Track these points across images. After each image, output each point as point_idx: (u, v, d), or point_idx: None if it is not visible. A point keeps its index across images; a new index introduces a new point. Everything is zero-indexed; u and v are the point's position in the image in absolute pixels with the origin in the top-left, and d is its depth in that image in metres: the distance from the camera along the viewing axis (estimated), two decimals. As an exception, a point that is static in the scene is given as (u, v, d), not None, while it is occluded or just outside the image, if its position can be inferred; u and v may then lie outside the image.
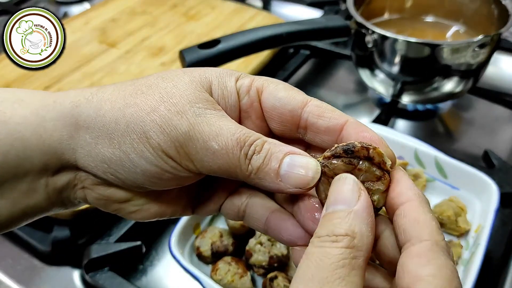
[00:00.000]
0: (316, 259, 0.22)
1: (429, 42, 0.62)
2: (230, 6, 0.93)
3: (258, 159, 0.25)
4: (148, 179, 0.27)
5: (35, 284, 0.51)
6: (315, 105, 0.27)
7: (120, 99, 0.26)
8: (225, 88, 0.28)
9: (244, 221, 0.30)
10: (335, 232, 0.22)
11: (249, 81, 0.28)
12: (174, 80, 0.27)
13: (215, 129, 0.25)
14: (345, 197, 0.24)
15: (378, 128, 0.61)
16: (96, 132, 0.26)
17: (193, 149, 0.25)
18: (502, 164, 0.60)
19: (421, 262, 0.22)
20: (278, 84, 0.28)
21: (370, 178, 0.25)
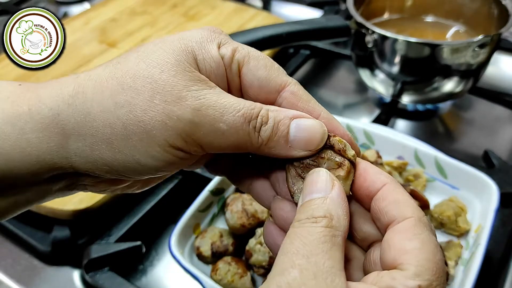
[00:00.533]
0: (299, 237, 0.23)
1: (429, 42, 0.62)
2: (230, 6, 0.93)
3: (267, 129, 0.25)
4: (156, 172, 0.26)
5: (35, 284, 0.51)
6: (291, 92, 0.27)
7: (107, 99, 0.24)
8: (210, 58, 0.26)
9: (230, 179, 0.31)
10: (314, 214, 0.23)
11: (231, 52, 0.27)
12: (159, 62, 0.25)
13: (220, 110, 0.24)
14: (320, 187, 0.25)
15: (378, 128, 0.61)
16: (89, 138, 0.25)
17: (201, 134, 0.25)
18: (502, 164, 0.60)
19: (407, 236, 0.23)
20: (259, 60, 0.27)
21: (332, 165, 0.27)
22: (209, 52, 0.26)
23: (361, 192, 0.27)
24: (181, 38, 0.26)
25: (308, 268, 0.21)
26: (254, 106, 0.25)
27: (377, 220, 0.26)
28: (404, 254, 0.23)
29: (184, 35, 0.27)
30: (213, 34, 0.27)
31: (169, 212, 0.56)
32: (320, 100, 0.78)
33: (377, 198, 0.26)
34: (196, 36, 0.27)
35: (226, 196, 0.55)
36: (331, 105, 0.77)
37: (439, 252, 0.24)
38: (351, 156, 0.27)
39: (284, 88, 0.27)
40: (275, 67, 0.27)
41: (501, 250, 0.52)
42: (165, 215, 0.57)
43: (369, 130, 0.60)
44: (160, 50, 0.26)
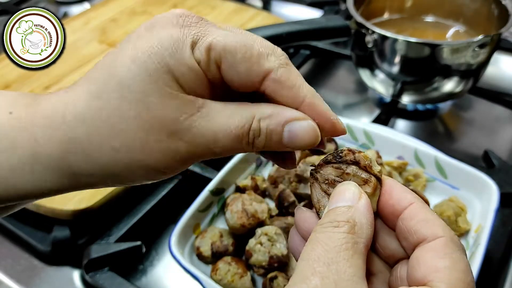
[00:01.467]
0: (321, 243, 0.23)
1: (429, 42, 0.62)
2: (230, 6, 0.93)
3: (260, 141, 0.26)
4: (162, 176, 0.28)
5: (35, 284, 0.51)
6: (273, 81, 0.26)
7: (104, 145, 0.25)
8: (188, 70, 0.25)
9: None
10: (337, 219, 0.24)
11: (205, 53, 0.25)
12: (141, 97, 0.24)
13: (212, 137, 0.25)
14: (347, 197, 0.25)
15: (378, 128, 0.61)
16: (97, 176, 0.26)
17: (197, 157, 0.26)
18: (502, 164, 0.60)
19: (438, 255, 0.23)
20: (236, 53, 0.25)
21: (358, 181, 0.27)
22: (185, 63, 0.25)
23: (386, 210, 0.26)
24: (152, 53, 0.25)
25: (329, 276, 0.21)
26: (244, 122, 0.25)
27: (404, 240, 0.25)
28: (435, 272, 0.23)
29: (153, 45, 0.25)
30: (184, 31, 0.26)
31: (169, 212, 0.56)
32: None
33: (405, 217, 0.25)
34: (166, 44, 0.25)
35: (226, 196, 0.55)
36: (331, 105, 0.76)
37: (470, 273, 0.23)
38: (377, 172, 0.27)
39: (267, 77, 0.26)
40: (255, 55, 0.25)
41: (501, 250, 0.52)
42: (165, 215, 0.57)
43: (369, 130, 0.60)
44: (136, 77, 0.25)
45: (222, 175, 0.54)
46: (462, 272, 0.23)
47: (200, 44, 0.25)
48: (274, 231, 0.48)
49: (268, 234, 0.48)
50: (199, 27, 0.26)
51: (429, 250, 0.24)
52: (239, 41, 0.26)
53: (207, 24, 0.27)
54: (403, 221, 0.25)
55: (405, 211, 0.25)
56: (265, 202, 0.53)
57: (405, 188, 0.27)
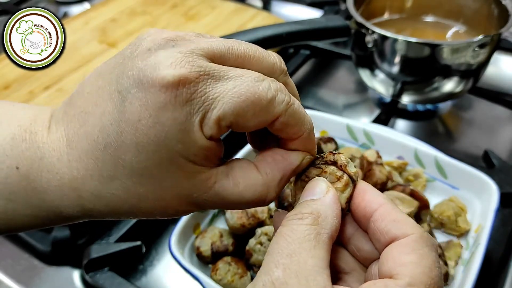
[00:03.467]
0: (284, 235, 0.23)
1: (429, 42, 0.62)
2: (230, 6, 0.93)
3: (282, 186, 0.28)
4: None
5: (35, 284, 0.51)
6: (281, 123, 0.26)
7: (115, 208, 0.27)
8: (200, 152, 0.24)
9: None
10: (302, 211, 0.24)
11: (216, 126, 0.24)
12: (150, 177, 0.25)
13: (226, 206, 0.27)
14: (316, 191, 0.26)
15: (378, 128, 0.61)
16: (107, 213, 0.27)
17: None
18: (502, 164, 0.60)
19: (405, 250, 0.24)
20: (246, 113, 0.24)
21: (332, 179, 0.28)
22: (196, 145, 0.24)
23: (358, 212, 0.27)
24: (160, 143, 0.23)
25: (291, 267, 0.22)
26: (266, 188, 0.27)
27: (376, 241, 0.26)
28: (400, 266, 0.23)
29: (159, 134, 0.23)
30: (187, 111, 0.23)
31: (169, 212, 0.56)
32: (320, 100, 0.79)
33: (375, 218, 0.26)
34: (173, 132, 0.23)
35: (226, 196, 0.55)
36: (331, 105, 0.77)
37: (436, 268, 0.24)
38: (351, 172, 0.28)
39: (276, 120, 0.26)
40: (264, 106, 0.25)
41: (501, 250, 0.52)
42: (165, 215, 0.57)
43: (369, 130, 0.60)
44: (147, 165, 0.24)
45: (222, 175, 0.54)
46: (427, 267, 0.23)
47: (208, 120, 0.24)
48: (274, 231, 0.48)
49: (268, 234, 0.48)
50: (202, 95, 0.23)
51: (397, 247, 0.25)
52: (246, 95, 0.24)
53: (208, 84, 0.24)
54: (374, 223, 0.26)
55: (375, 212, 0.26)
56: (265, 202, 0.53)
57: (377, 192, 0.27)
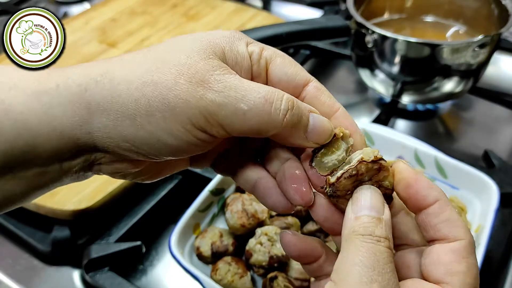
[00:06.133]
0: (372, 253, 0.24)
1: (429, 42, 0.62)
2: (230, 6, 0.93)
3: (293, 115, 0.26)
4: (175, 152, 0.27)
5: (35, 284, 0.51)
6: (315, 86, 0.29)
7: (135, 78, 0.25)
8: (237, 53, 0.28)
9: (235, 179, 0.32)
10: (377, 233, 0.25)
11: (259, 49, 0.29)
12: (187, 50, 0.26)
13: (241, 92, 0.26)
14: (374, 205, 0.26)
15: (378, 128, 0.61)
16: (114, 114, 0.25)
17: (222, 115, 0.25)
18: (502, 164, 0.60)
19: (456, 258, 0.25)
20: (284, 58, 0.29)
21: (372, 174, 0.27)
22: (237, 47, 0.28)
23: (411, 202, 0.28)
24: (211, 34, 0.28)
25: (384, 285, 0.24)
26: (275, 90, 0.26)
27: (424, 232, 0.28)
28: (451, 275, 0.25)
29: (214, 33, 0.28)
30: (241, 35, 0.29)
31: (169, 212, 0.56)
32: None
33: (430, 213, 0.27)
34: (225, 34, 0.28)
35: (226, 196, 0.55)
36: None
37: (478, 277, 0.26)
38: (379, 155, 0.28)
39: (308, 83, 0.29)
40: (298, 65, 0.30)
41: (501, 250, 0.52)
42: (165, 215, 0.57)
43: (369, 130, 0.60)
44: (189, 41, 0.27)
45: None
46: (474, 278, 0.25)
47: (254, 44, 0.29)
48: (274, 231, 0.48)
49: (268, 234, 0.48)
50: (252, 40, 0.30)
51: (449, 252, 0.26)
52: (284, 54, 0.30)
53: None
54: (427, 216, 0.27)
55: (432, 207, 0.27)
56: (265, 202, 0.53)
57: (431, 183, 0.28)
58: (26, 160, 0.25)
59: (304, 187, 0.29)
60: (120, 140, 0.26)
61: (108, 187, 0.55)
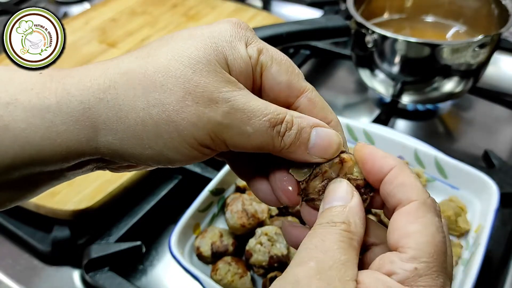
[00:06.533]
0: (318, 235, 0.24)
1: (429, 42, 0.62)
2: (230, 6, 0.93)
3: (290, 135, 0.27)
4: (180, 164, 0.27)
5: (35, 284, 0.51)
6: (308, 99, 0.29)
7: (139, 97, 0.25)
8: (240, 59, 0.27)
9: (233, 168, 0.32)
10: (334, 220, 0.25)
11: (257, 54, 0.28)
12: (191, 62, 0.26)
13: (248, 113, 0.26)
14: (341, 196, 0.27)
15: (378, 128, 0.61)
16: (120, 134, 0.25)
17: (228, 135, 0.26)
18: (502, 164, 0.60)
19: (409, 219, 0.25)
20: (281, 64, 0.28)
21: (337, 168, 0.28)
22: (239, 52, 0.27)
23: (371, 177, 0.28)
24: (212, 36, 0.27)
25: (324, 261, 0.23)
26: (279, 111, 0.26)
27: (386, 203, 0.27)
28: (405, 237, 0.24)
29: (214, 31, 0.27)
30: (240, 32, 0.28)
31: (169, 212, 0.56)
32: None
33: (385, 181, 0.27)
34: (225, 34, 0.28)
35: (226, 196, 0.55)
36: (331, 105, 0.76)
37: (439, 234, 0.24)
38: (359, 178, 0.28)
39: (302, 94, 0.29)
40: (296, 72, 0.29)
41: (501, 250, 0.52)
42: (165, 215, 0.57)
43: (369, 130, 0.60)
44: (191, 47, 0.26)
45: (222, 175, 0.54)
46: (431, 235, 0.24)
47: (253, 45, 0.28)
48: (274, 231, 0.48)
49: (268, 234, 0.48)
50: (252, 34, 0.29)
51: (402, 215, 0.25)
52: (283, 57, 0.29)
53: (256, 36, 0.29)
54: (383, 186, 0.27)
55: (387, 175, 0.27)
56: (265, 202, 0.53)
57: (386, 154, 0.28)
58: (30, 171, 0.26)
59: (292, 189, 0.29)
60: (127, 156, 0.26)
61: (108, 187, 0.55)
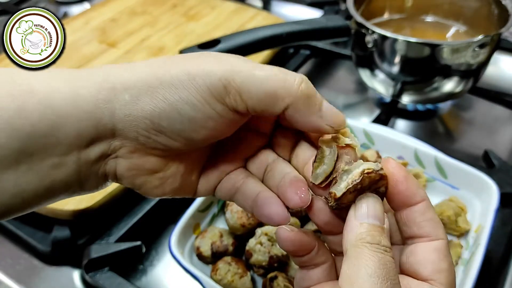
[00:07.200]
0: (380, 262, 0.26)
1: (429, 42, 0.62)
2: (230, 6, 0.93)
3: (307, 87, 0.28)
4: (192, 128, 0.27)
5: (35, 284, 0.51)
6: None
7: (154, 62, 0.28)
8: None
9: (234, 198, 0.32)
10: (383, 243, 0.26)
11: None
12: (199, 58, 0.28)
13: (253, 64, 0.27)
14: (377, 214, 0.28)
15: (378, 128, 0.61)
16: (136, 90, 0.26)
17: (240, 80, 0.26)
18: (502, 164, 0.60)
19: (440, 257, 0.28)
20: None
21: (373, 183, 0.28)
22: None
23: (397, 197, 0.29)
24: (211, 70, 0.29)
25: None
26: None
27: (406, 227, 0.29)
28: (439, 272, 0.27)
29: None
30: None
31: (169, 212, 0.56)
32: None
33: (416, 210, 0.29)
34: None
35: (226, 196, 0.55)
36: (331, 105, 0.77)
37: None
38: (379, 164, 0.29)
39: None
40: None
41: (501, 250, 0.52)
42: (165, 215, 0.57)
43: (369, 130, 0.60)
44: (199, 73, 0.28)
45: (222, 175, 0.54)
46: (453, 274, 0.28)
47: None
48: (274, 231, 0.48)
49: (268, 234, 0.48)
50: None
51: (433, 251, 0.28)
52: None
53: None
54: (413, 213, 0.29)
55: (418, 205, 0.28)
56: (265, 202, 0.53)
57: (417, 183, 0.29)
58: (46, 145, 0.25)
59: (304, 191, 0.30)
60: (140, 117, 0.27)
61: (108, 187, 0.55)
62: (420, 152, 0.56)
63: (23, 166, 0.25)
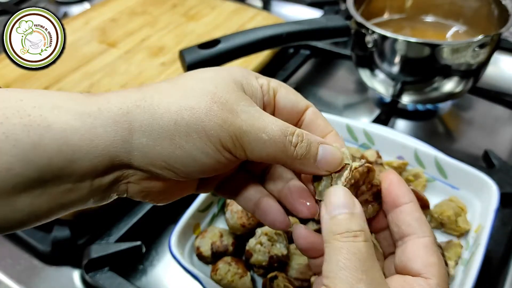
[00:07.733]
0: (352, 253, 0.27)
1: (429, 42, 0.62)
2: (230, 6, 0.93)
3: (302, 147, 0.30)
4: (203, 170, 0.30)
5: (35, 284, 0.51)
6: (312, 111, 0.34)
7: (173, 103, 0.28)
8: (252, 86, 0.32)
9: (237, 199, 0.36)
10: (353, 228, 0.28)
11: (266, 82, 0.33)
12: (213, 82, 0.30)
13: (262, 123, 0.29)
14: (344, 203, 0.29)
15: (378, 128, 0.61)
16: (154, 135, 0.28)
17: (246, 140, 0.29)
18: (502, 164, 0.60)
19: (429, 252, 0.30)
20: (287, 88, 0.34)
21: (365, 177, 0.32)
22: (251, 82, 0.32)
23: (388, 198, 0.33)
24: (228, 71, 0.32)
25: (371, 283, 0.26)
26: (288, 125, 0.30)
27: (397, 227, 0.32)
28: (429, 266, 0.29)
29: (229, 69, 0.33)
30: (250, 72, 0.34)
31: (169, 212, 0.56)
32: (320, 100, 0.79)
33: (403, 210, 0.32)
34: (239, 71, 0.33)
35: (226, 196, 0.55)
36: (331, 105, 0.77)
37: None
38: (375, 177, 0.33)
39: (308, 109, 0.34)
40: (298, 94, 0.35)
41: (501, 250, 0.52)
42: (165, 215, 0.57)
43: (369, 130, 0.60)
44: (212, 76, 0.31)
45: (222, 175, 0.54)
46: (444, 267, 0.30)
47: (262, 78, 0.34)
48: (274, 231, 0.48)
49: (268, 234, 0.48)
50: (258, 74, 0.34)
51: (422, 247, 0.30)
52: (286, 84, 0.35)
53: None
54: (402, 213, 0.32)
55: (406, 205, 0.32)
56: (265, 202, 0.53)
57: (407, 187, 0.33)
58: (61, 175, 0.26)
59: (310, 201, 0.33)
60: (157, 159, 0.28)
61: (108, 187, 0.55)
62: (420, 152, 0.56)
63: (38, 190, 0.26)
